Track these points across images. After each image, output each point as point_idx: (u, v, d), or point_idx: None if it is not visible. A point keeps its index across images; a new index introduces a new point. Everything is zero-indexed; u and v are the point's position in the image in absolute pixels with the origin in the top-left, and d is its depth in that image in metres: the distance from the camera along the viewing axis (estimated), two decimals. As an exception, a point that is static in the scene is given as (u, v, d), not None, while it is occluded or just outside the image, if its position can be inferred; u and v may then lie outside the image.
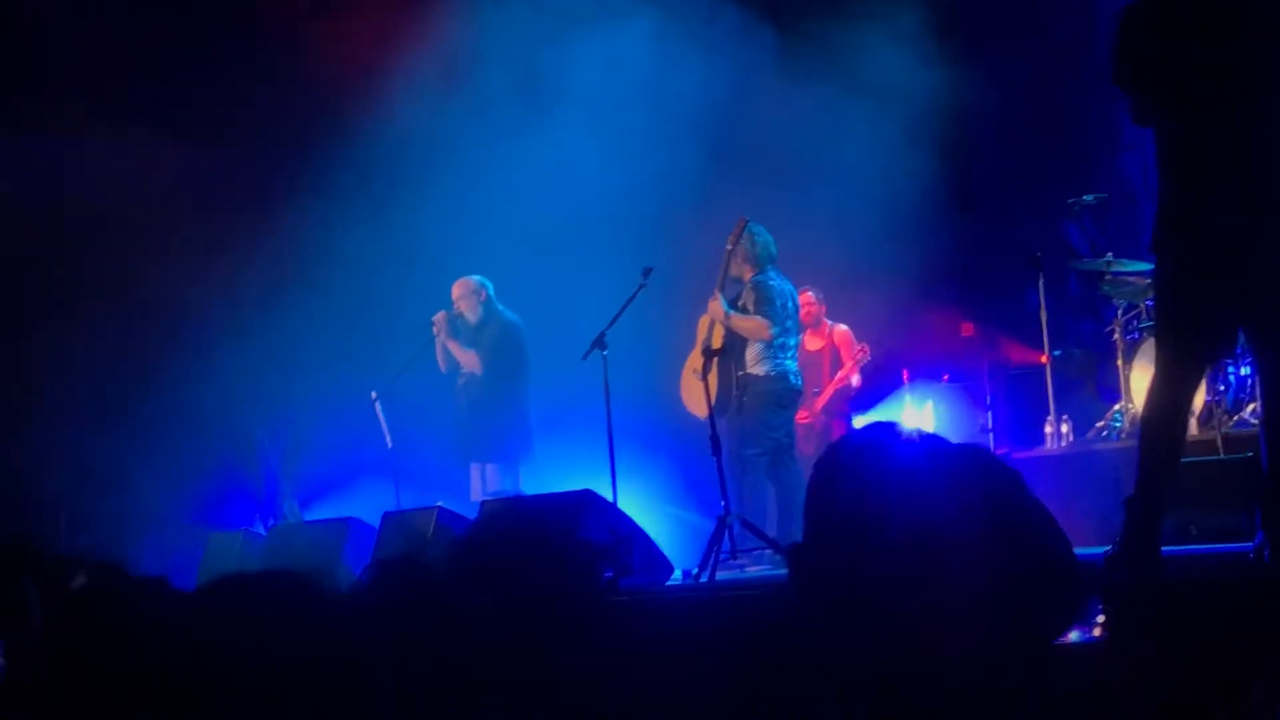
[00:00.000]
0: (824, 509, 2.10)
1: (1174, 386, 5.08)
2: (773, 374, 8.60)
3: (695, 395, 8.64)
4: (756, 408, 8.57)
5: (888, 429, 2.10)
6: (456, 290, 9.49)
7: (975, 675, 2.00)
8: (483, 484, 9.26)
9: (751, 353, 8.58)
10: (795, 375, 8.77)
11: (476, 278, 9.50)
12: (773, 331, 8.57)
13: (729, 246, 8.57)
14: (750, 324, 8.54)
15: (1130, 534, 5.01)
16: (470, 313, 9.44)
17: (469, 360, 9.32)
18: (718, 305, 8.51)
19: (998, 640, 2.09)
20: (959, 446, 2.18)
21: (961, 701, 1.98)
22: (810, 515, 2.11)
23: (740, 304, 8.62)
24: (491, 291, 9.49)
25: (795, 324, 8.87)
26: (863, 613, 2.01)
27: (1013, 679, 2.03)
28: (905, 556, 1.98)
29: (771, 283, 8.66)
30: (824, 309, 10.35)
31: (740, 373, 8.54)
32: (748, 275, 8.65)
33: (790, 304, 8.76)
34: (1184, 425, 5.19)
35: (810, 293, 10.25)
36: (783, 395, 8.69)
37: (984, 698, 1.98)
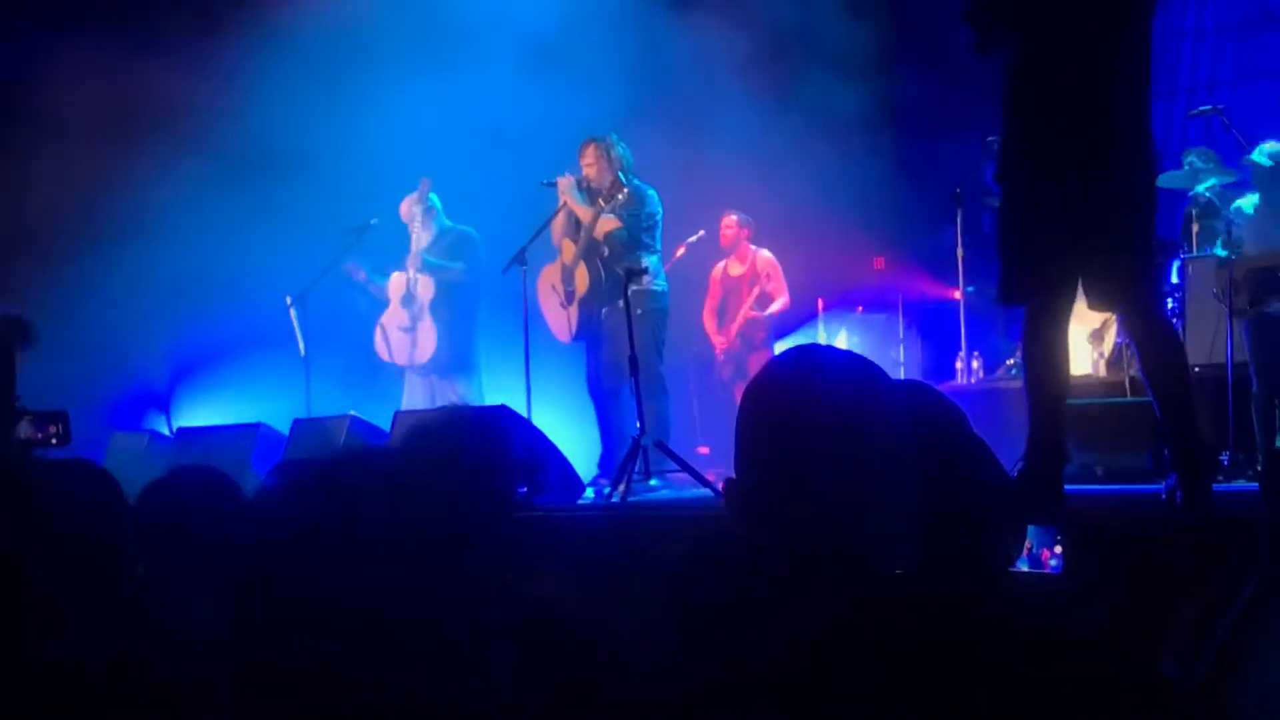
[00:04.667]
0: (758, 437, 2.07)
1: (1035, 323, 5.17)
2: (663, 290, 8.49)
3: (555, 314, 8.57)
4: (655, 324, 8.41)
5: (821, 352, 2.06)
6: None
7: (917, 600, 2.01)
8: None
9: (652, 266, 8.40)
10: None
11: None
12: (630, 235, 8.38)
13: (592, 172, 8.39)
14: (613, 224, 8.33)
15: (1030, 472, 5.07)
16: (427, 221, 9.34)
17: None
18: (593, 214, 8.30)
19: (938, 565, 2.11)
20: (900, 380, 2.18)
21: (903, 622, 1.98)
22: (744, 444, 2.08)
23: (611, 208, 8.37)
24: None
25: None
26: (802, 539, 2.00)
27: (955, 603, 2.05)
28: (844, 485, 1.97)
29: (651, 192, 8.47)
30: (746, 233, 10.29)
31: (635, 288, 8.05)
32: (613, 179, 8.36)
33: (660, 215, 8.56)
34: (1056, 360, 5.19)
35: (733, 215, 10.23)
36: (666, 311, 8.64)
37: (927, 620, 1.99)
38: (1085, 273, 5.15)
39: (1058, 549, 2.72)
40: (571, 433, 9.04)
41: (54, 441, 5.19)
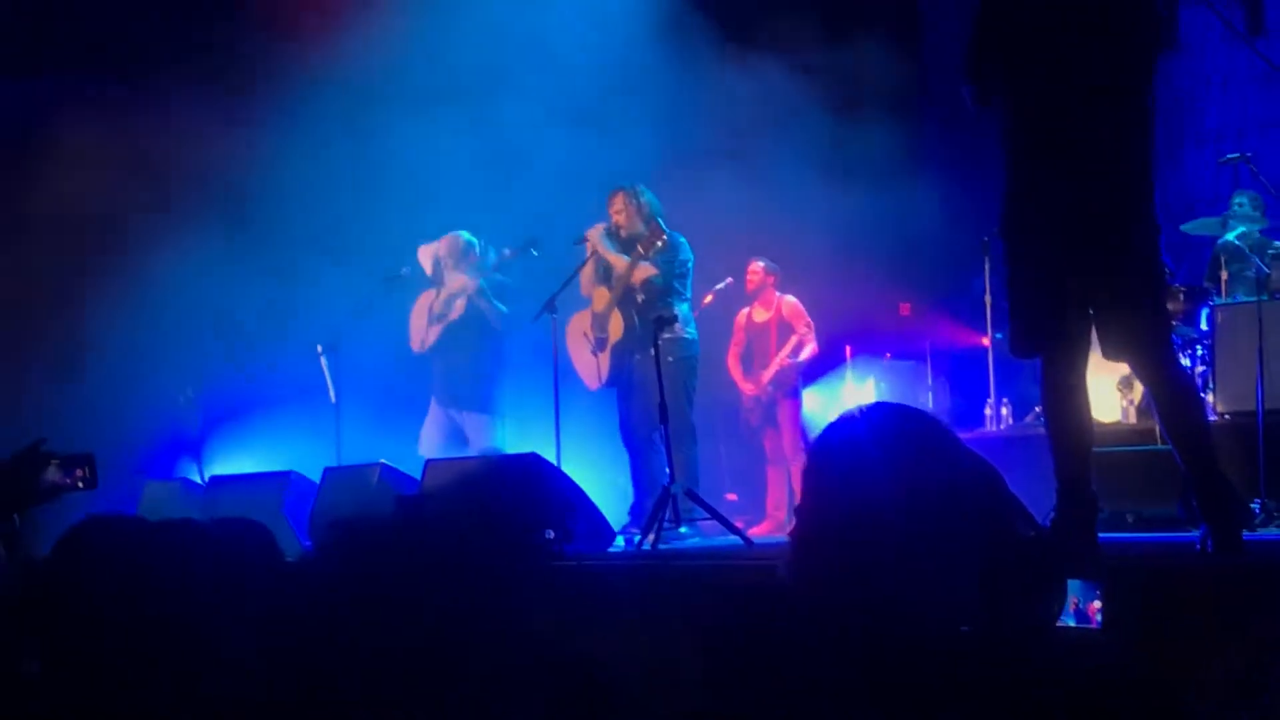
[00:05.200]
0: (822, 491, 2.10)
1: (1050, 375, 5.16)
2: (694, 338, 8.55)
3: (584, 361, 8.62)
4: (686, 372, 8.44)
5: (891, 410, 2.10)
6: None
7: (969, 655, 2.02)
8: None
9: (682, 314, 8.45)
10: None
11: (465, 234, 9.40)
12: (661, 280, 8.42)
13: (622, 219, 8.48)
14: (643, 269, 8.37)
15: (1063, 522, 5.06)
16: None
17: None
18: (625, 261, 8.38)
19: (989, 621, 2.12)
20: (963, 449, 2.19)
21: (954, 680, 1.99)
22: (810, 497, 2.11)
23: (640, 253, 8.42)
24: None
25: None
26: (859, 593, 2.02)
27: (1003, 659, 2.06)
28: (901, 540, 1.99)
29: (683, 241, 8.54)
30: (773, 280, 10.29)
31: (667, 335, 8.15)
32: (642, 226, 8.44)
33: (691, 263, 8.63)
34: (1076, 409, 5.19)
35: (760, 262, 10.24)
36: (697, 359, 8.66)
37: (977, 676, 2.00)
38: (1096, 325, 5.13)
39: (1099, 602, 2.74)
40: (601, 480, 9.06)
41: (81, 485, 5.20)
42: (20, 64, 9.91)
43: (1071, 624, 2.68)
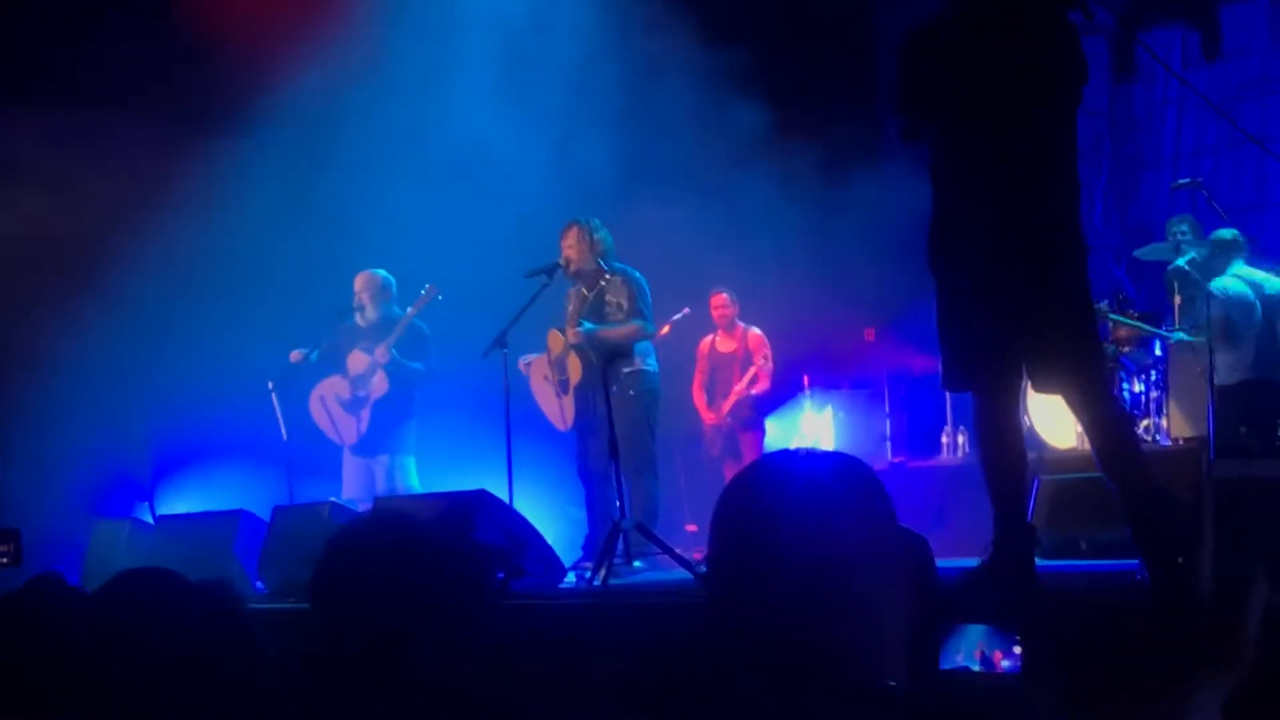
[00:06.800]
0: (731, 535, 2.09)
1: (982, 408, 5.13)
2: (655, 370, 8.57)
3: (550, 404, 8.62)
4: (648, 405, 8.50)
5: (794, 456, 2.09)
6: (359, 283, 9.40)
7: (877, 696, 2.00)
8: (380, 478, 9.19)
9: (640, 347, 8.51)
10: None
11: (381, 272, 9.41)
12: (649, 330, 8.52)
13: (573, 254, 8.47)
14: (628, 330, 8.43)
15: (1000, 554, 5.04)
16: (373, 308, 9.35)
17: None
18: (579, 332, 8.36)
19: (902, 662, 2.09)
20: (847, 464, 2.16)
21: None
22: (717, 540, 2.10)
23: (607, 299, 8.49)
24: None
25: None
26: (770, 633, 2.00)
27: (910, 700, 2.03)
28: (810, 581, 1.97)
29: (637, 274, 8.58)
30: (737, 310, 10.32)
31: (628, 369, 8.34)
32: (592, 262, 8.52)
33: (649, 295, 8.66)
34: (1009, 444, 5.15)
35: (725, 294, 10.26)
36: (659, 391, 8.67)
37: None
38: (1026, 360, 5.12)
39: (1015, 650, 2.67)
40: (558, 515, 9.01)
41: (4, 561, 5.12)
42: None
43: (979, 670, 2.62)
